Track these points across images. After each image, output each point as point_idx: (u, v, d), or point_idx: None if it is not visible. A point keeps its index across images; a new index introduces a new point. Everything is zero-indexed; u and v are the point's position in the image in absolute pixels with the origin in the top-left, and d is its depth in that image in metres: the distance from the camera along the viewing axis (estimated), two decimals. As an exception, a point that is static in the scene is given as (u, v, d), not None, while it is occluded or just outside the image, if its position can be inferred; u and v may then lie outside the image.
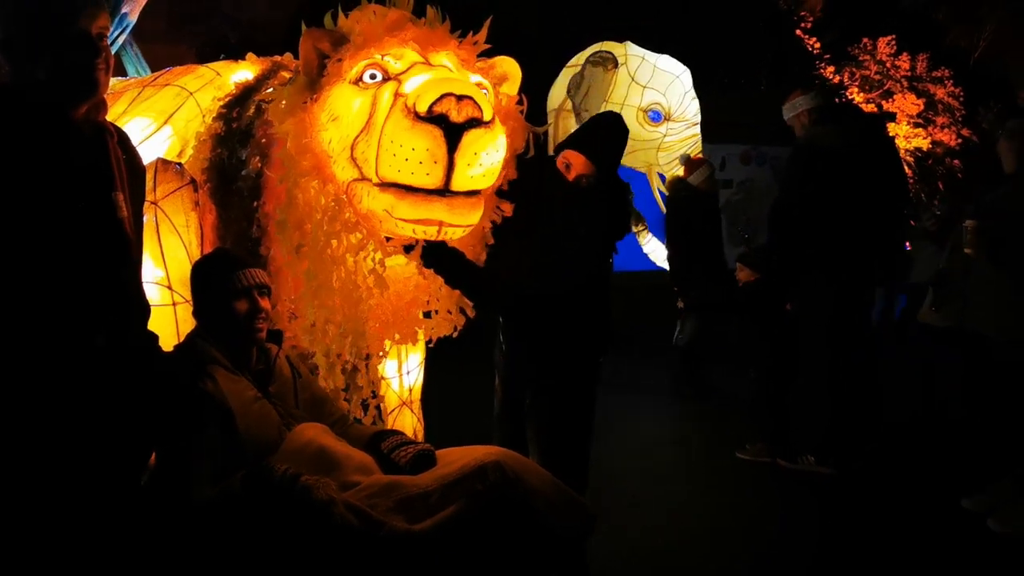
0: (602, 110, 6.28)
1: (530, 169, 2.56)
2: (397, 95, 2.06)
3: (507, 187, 2.43)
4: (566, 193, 2.72)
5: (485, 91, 2.25)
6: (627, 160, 6.64)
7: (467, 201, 2.05)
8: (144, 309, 1.97)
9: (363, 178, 2.14)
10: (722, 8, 11.65)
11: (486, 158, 1.98)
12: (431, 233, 2.12)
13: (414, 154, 1.92)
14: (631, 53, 6.50)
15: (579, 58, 6.41)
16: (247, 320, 2.17)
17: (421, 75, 2.10)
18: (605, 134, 2.82)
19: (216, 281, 2.18)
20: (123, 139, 1.98)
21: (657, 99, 6.33)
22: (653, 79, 6.37)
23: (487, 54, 2.44)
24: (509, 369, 2.88)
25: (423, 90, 1.94)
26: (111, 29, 1.87)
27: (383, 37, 2.22)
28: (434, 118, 1.91)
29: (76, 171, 1.79)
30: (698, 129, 6.37)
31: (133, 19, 4.81)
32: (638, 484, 4.04)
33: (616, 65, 6.31)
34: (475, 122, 1.93)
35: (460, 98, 1.90)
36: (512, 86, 2.49)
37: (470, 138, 1.93)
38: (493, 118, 1.98)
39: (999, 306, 3.65)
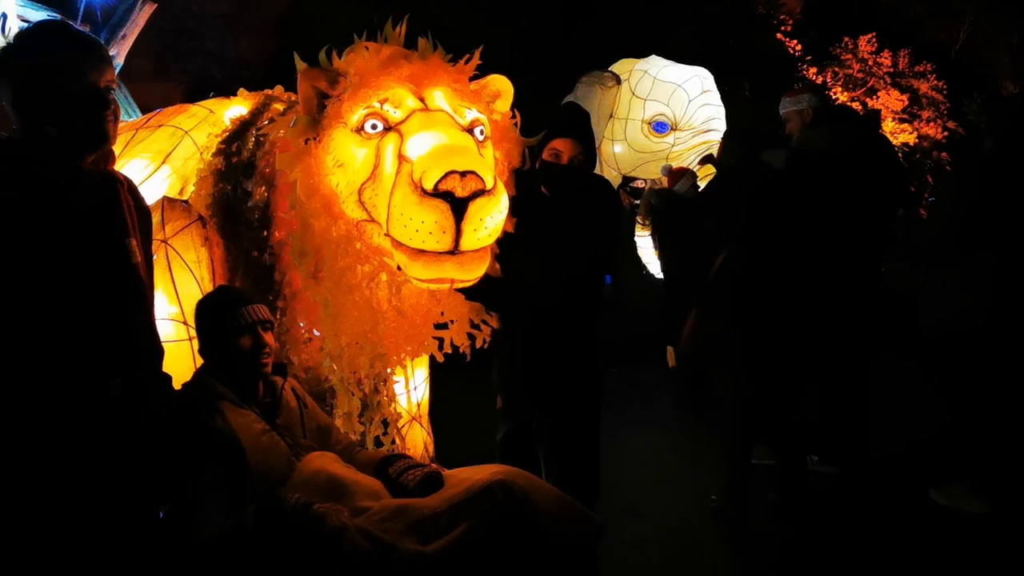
0: (608, 126, 6.37)
1: (524, 179, 2.61)
2: (401, 158, 2.11)
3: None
4: (564, 175, 2.77)
5: (481, 127, 2.32)
6: (638, 172, 6.69)
7: (476, 256, 2.10)
8: (158, 352, 2.01)
9: (372, 220, 2.20)
10: (702, 16, 11.76)
11: (491, 221, 2.04)
12: (444, 287, 2.20)
13: (424, 226, 1.99)
14: (636, 68, 6.58)
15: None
16: (252, 356, 2.22)
17: (422, 136, 2.13)
18: (579, 118, 2.89)
19: (219, 320, 2.23)
20: (131, 186, 2.01)
21: (661, 110, 6.39)
22: (653, 91, 6.44)
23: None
24: (512, 390, 2.92)
25: (428, 165, 2.00)
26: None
27: (378, 74, 2.26)
28: (440, 194, 1.97)
29: (91, 222, 1.82)
30: (711, 136, 6.34)
31: (120, 61, 4.90)
32: (639, 494, 4.04)
33: (618, 82, 6.41)
34: (479, 192, 1.99)
35: (464, 174, 1.96)
36: (505, 103, 2.55)
37: (475, 207, 1.99)
38: (495, 183, 2.04)
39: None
